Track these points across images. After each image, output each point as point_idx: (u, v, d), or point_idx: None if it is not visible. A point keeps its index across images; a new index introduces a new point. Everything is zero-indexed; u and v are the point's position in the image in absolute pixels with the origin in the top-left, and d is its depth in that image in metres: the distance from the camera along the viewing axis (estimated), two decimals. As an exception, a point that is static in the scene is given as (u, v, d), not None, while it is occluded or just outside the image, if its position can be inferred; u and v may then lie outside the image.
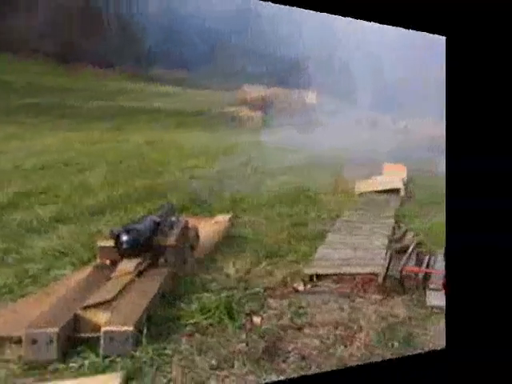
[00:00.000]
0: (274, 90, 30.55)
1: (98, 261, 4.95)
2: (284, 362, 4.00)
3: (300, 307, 4.98)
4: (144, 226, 5.04)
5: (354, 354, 4.18)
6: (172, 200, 7.81)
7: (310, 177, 11.39)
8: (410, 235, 7.36)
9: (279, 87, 32.16)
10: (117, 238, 4.82)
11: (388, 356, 4.17)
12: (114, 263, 4.76)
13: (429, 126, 33.85)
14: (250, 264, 5.88)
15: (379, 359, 4.13)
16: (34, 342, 3.70)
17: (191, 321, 4.38)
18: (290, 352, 4.13)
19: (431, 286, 5.43)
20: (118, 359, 3.71)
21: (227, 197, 8.82)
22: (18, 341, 3.84)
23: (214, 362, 3.88)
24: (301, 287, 5.51)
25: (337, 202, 9.52)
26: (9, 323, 4.14)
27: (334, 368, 3.95)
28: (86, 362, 3.71)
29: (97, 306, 4.04)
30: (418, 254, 6.43)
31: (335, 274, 5.89)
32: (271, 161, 12.46)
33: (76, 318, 3.97)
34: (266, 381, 3.73)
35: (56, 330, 3.73)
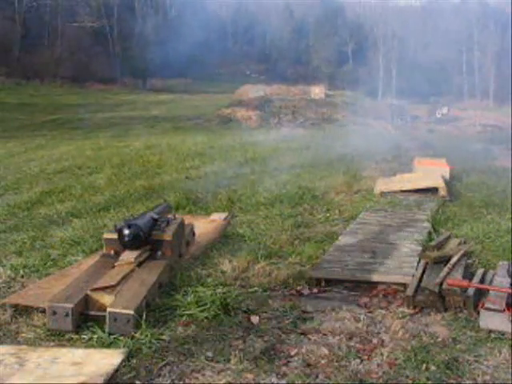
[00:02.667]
0: (275, 87, 28.00)
1: (104, 250, 4.94)
2: (286, 365, 3.39)
3: (304, 311, 4.19)
4: (143, 222, 5.01)
5: (373, 371, 3.31)
6: (169, 199, 7.74)
7: (317, 176, 10.13)
8: (454, 242, 5.44)
9: (280, 84, 29.92)
10: (120, 231, 4.81)
11: (422, 380, 3.20)
12: (118, 253, 4.75)
13: (477, 111, 28.81)
14: (247, 263, 5.14)
15: (408, 382, 3.19)
16: (54, 313, 3.80)
17: (187, 312, 4.04)
18: (292, 356, 3.49)
19: (488, 306, 3.83)
20: (121, 337, 3.70)
21: (224, 196, 8.03)
22: (43, 311, 3.98)
23: (209, 353, 3.50)
24: (305, 291, 4.61)
25: (351, 203, 7.94)
26: (36, 296, 4.26)
27: (349, 382, 3.20)
28: (95, 337, 3.74)
29: (103, 289, 4.07)
30: (466, 266, 4.76)
31: (349, 281, 4.75)
32: (270, 160, 11.73)
33: (86, 298, 4.01)
34: (265, 381, 3.23)
35: (71, 305, 3.81)
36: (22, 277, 4.98)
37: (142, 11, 46.67)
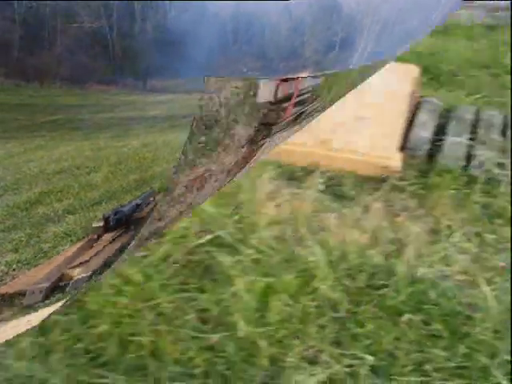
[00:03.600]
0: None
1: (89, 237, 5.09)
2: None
3: None
4: (127, 208, 5.12)
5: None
6: (157, 185, 7.85)
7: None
8: None
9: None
10: (107, 219, 4.93)
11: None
12: (101, 237, 4.89)
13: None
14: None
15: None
16: (33, 293, 3.90)
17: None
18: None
19: None
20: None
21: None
22: (24, 294, 4.08)
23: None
24: None
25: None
26: (21, 284, 4.36)
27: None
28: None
29: (78, 265, 4.21)
30: None
31: None
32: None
33: (61, 276, 4.14)
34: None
35: (47, 284, 3.92)
36: (14, 270, 5.14)
37: (141, 12, 47.02)
